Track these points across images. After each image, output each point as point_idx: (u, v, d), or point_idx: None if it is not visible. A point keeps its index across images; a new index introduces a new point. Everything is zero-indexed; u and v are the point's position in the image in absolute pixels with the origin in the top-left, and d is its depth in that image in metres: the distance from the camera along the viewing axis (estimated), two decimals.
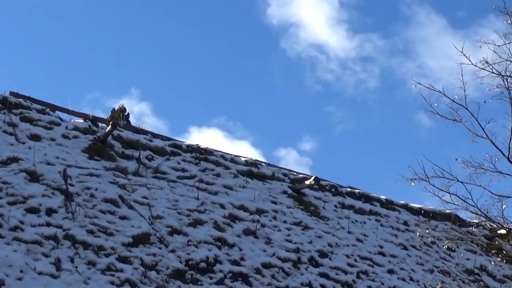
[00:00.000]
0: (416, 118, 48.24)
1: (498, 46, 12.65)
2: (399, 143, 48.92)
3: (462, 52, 12.75)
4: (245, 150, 50.38)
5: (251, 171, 17.59)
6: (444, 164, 12.95)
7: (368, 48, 48.61)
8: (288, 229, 15.57)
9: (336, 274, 14.66)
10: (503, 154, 12.67)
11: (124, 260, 12.28)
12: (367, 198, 19.00)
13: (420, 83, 13.18)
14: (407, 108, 48.25)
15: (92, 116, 16.72)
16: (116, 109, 19.94)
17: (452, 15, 51.11)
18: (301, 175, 18.48)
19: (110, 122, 16.06)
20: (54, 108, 16.50)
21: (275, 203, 16.54)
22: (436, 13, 50.34)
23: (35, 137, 14.94)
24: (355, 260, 15.49)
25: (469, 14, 48.80)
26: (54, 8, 42.72)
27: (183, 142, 17.56)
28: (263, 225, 15.23)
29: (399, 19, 49.86)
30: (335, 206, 17.83)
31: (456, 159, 13.16)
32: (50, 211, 12.67)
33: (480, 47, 12.71)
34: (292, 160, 47.41)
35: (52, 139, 15.16)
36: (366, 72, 48.35)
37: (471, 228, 18.59)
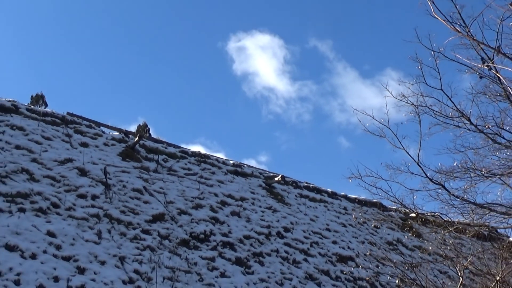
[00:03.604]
0: (338, 141, 50.97)
1: (411, 84, 12.61)
2: (326, 156, 51.19)
3: (386, 88, 12.71)
4: None
5: (237, 170, 17.54)
6: (354, 170, 13.06)
7: (305, 91, 51.04)
8: (262, 212, 15.56)
9: (296, 243, 14.67)
10: (414, 160, 12.59)
11: (146, 232, 12.32)
12: (318, 191, 18.86)
13: (357, 110, 13.16)
14: (331, 134, 51.47)
15: (125, 130, 16.71)
16: (141, 125, 19.96)
17: (361, 68, 53.09)
18: (271, 174, 18.38)
19: (138, 135, 16.11)
20: (98, 124, 16.50)
21: (253, 193, 16.51)
22: (350, 67, 52.50)
23: (84, 144, 14.95)
24: (309, 234, 15.48)
25: (373, 67, 51.21)
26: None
27: (188, 149, 17.51)
28: (244, 209, 15.23)
29: (326, 71, 52.21)
30: (296, 196, 17.79)
31: (382, 164, 13.12)
32: (94, 197, 12.71)
33: (399, 84, 12.63)
34: None
35: (96, 146, 15.17)
36: (303, 108, 50.83)
37: (391, 212, 18.83)
